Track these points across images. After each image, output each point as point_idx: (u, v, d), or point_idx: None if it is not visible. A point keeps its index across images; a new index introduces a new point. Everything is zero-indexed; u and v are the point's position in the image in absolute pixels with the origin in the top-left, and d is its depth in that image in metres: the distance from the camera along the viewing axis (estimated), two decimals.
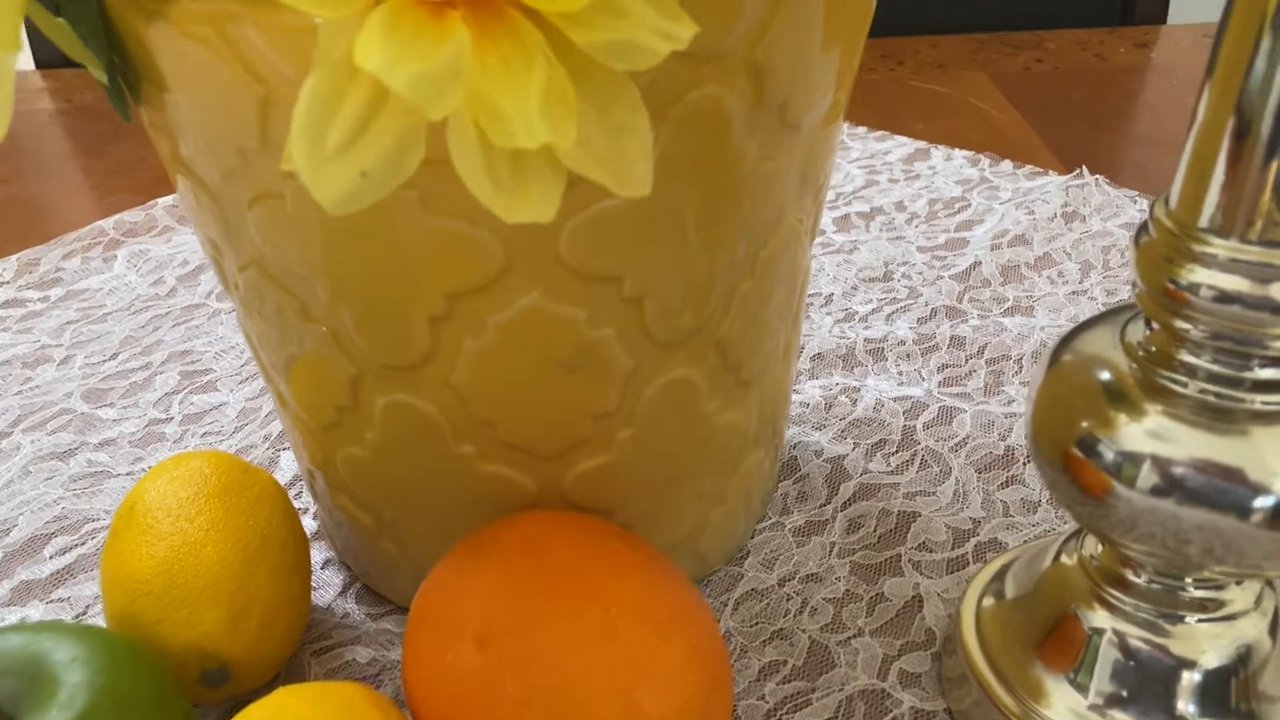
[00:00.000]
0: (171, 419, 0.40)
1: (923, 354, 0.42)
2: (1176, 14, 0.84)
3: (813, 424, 0.38)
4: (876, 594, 0.31)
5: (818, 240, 0.50)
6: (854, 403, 0.39)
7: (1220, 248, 0.21)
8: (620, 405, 0.27)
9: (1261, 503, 0.22)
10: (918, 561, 0.32)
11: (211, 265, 0.28)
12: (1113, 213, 0.51)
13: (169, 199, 0.54)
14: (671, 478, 0.29)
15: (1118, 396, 0.23)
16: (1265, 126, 0.20)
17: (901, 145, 0.59)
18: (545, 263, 0.23)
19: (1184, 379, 0.23)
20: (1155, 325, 0.23)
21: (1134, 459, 0.23)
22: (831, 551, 0.33)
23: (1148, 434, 0.23)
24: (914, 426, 0.38)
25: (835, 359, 0.42)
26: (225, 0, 0.20)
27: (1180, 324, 0.22)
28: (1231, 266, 0.21)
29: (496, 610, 0.23)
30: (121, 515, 0.28)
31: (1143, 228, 0.23)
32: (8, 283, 0.48)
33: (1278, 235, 0.21)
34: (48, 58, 0.85)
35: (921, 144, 0.59)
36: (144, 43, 0.22)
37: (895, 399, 0.39)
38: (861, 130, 0.61)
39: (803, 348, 0.42)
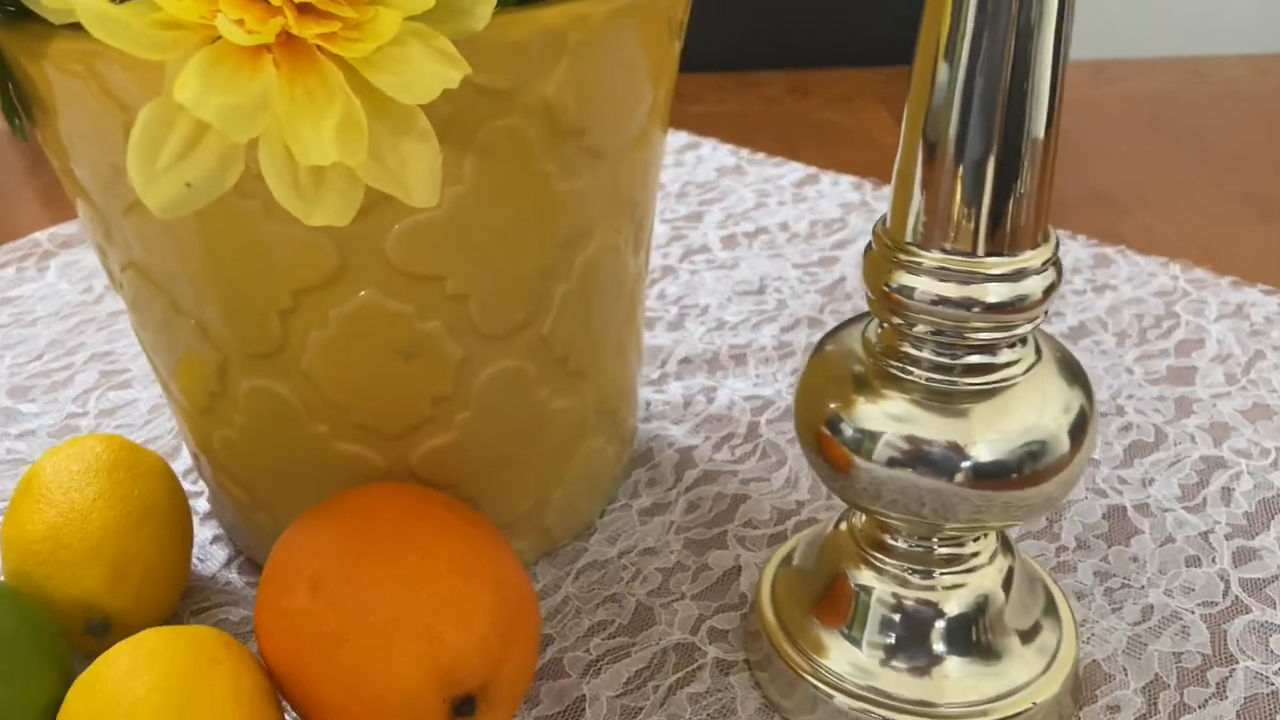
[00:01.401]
0: (88, 413, 0.43)
1: (780, 359, 0.46)
2: (1077, 50, 0.90)
3: (671, 420, 0.43)
4: (702, 564, 0.35)
5: (701, 256, 0.55)
6: (710, 401, 0.43)
7: (924, 257, 0.25)
8: (455, 390, 0.31)
9: (966, 465, 0.26)
10: (742, 537, 0.37)
11: (104, 271, 0.32)
12: None
13: None
14: (510, 457, 0.33)
15: (858, 384, 0.27)
16: (948, 152, 0.24)
17: (794, 170, 0.64)
18: (375, 263, 0.27)
19: (909, 367, 0.27)
20: (884, 325, 0.27)
21: (871, 435, 0.27)
22: (670, 529, 0.37)
23: (881, 414, 0.27)
24: (759, 422, 0.42)
25: (701, 363, 0.46)
26: (91, 41, 0.24)
27: (899, 322, 0.26)
28: (934, 272, 0.25)
29: (326, 561, 0.27)
30: (20, 487, 0.32)
31: (868, 244, 0.27)
32: None
33: (968, 245, 0.25)
34: None
35: (813, 170, 0.64)
36: (30, 76, 0.26)
37: (747, 398, 0.44)
38: (760, 156, 0.66)
39: (671, 352, 0.47)
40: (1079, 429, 0.27)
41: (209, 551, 0.36)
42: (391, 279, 0.28)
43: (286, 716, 0.29)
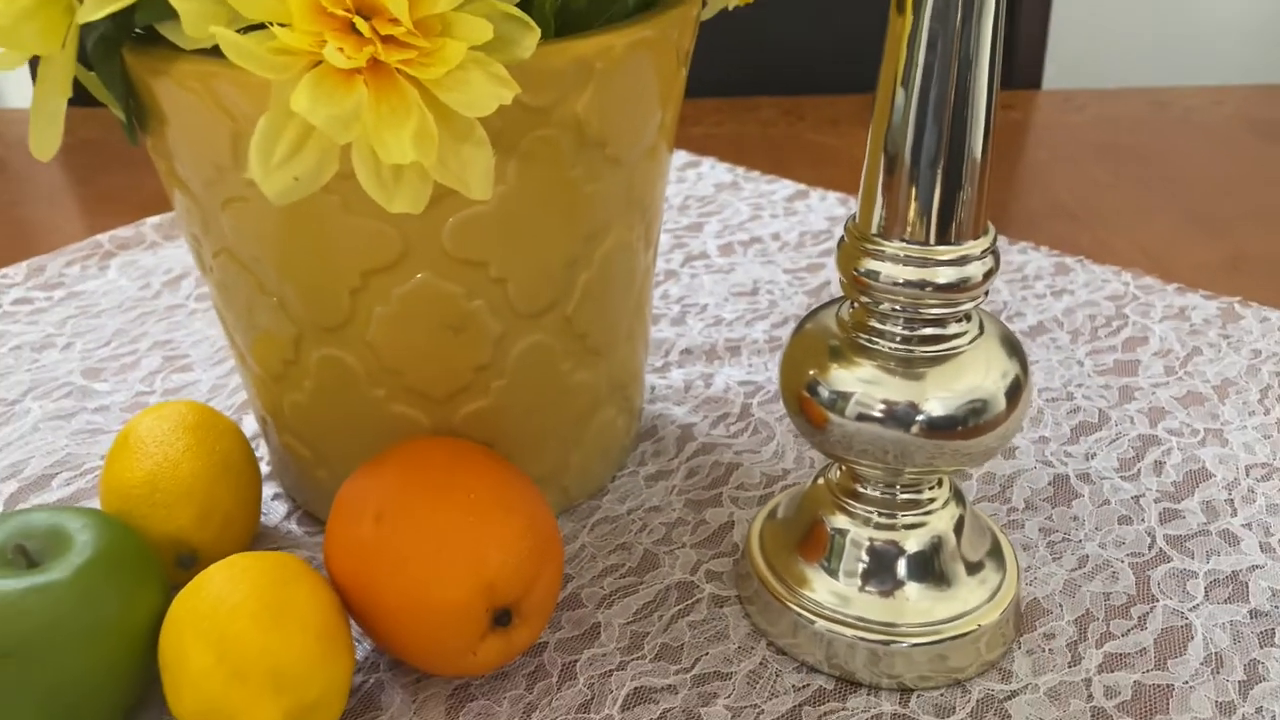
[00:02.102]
0: (154, 391, 0.49)
1: (770, 351, 0.52)
2: (1050, 81, 0.96)
3: (674, 401, 0.48)
4: (700, 520, 0.41)
5: (701, 261, 0.60)
6: (708, 385, 0.49)
7: (886, 246, 0.31)
8: (493, 360, 0.36)
9: (921, 419, 0.31)
10: (735, 497, 0.42)
11: (193, 257, 0.38)
12: None
13: (155, 219, 0.64)
14: (536, 422, 0.38)
15: (833, 354, 0.33)
16: (905, 161, 0.30)
17: (786, 187, 0.69)
18: (433, 250, 0.33)
19: (875, 339, 0.32)
20: (854, 305, 0.33)
21: (843, 396, 0.32)
22: (672, 491, 0.42)
23: (852, 378, 0.32)
24: (751, 403, 0.48)
25: (700, 353, 0.52)
26: (209, 63, 0.30)
27: (867, 301, 0.32)
28: (895, 259, 0.31)
29: (388, 498, 0.32)
30: (118, 442, 0.37)
31: (841, 237, 0.33)
32: (18, 284, 0.57)
33: (921, 236, 0.31)
34: None
35: (802, 186, 0.69)
36: (151, 91, 0.32)
37: (741, 383, 0.49)
38: (755, 173, 0.71)
39: (674, 344, 0.52)
40: (1015, 392, 0.32)
41: (271, 506, 0.42)
42: (445, 264, 0.33)
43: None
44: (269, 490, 0.42)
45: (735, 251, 0.62)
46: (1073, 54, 0.97)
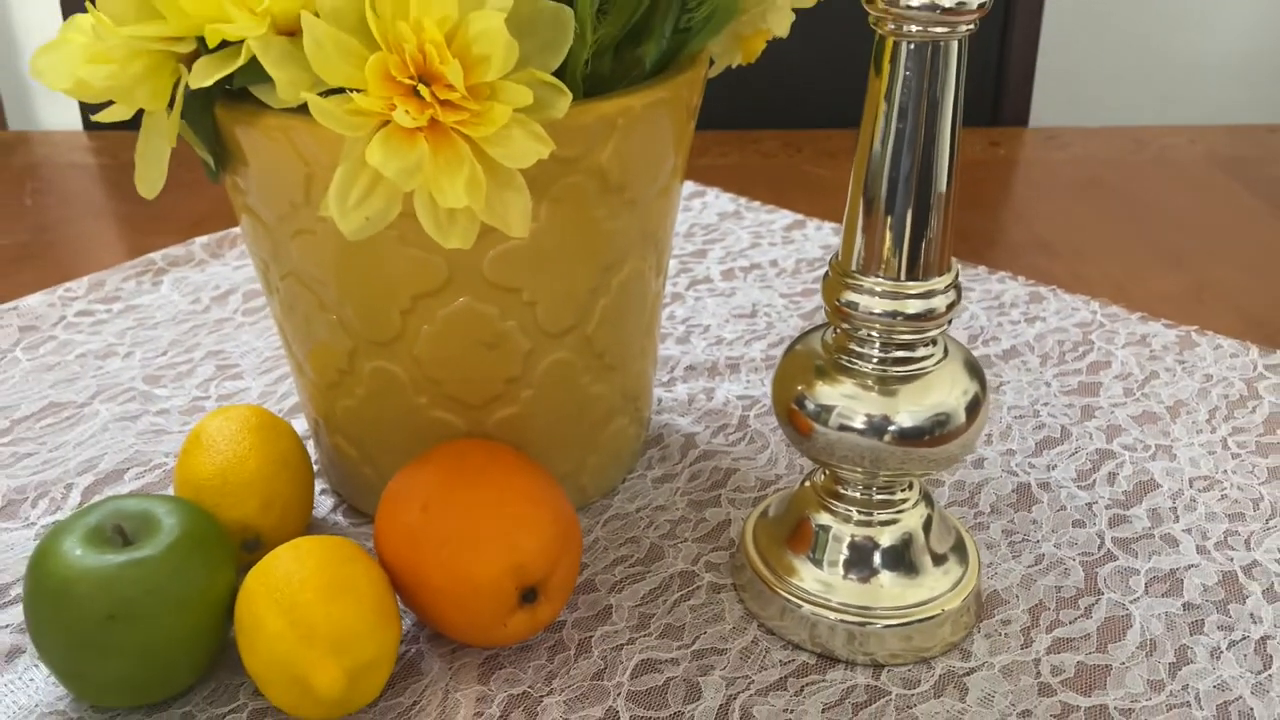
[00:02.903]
0: (209, 397, 0.54)
1: (767, 369, 0.57)
2: (1037, 119, 1.02)
3: (678, 413, 0.53)
4: (700, 518, 0.46)
5: (704, 285, 0.66)
6: (709, 399, 0.54)
7: (864, 281, 0.36)
8: (523, 373, 0.41)
9: (892, 429, 0.37)
10: (732, 498, 0.47)
11: (260, 278, 0.43)
12: None
13: (203, 239, 0.69)
14: (558, 428, 0.44)
15: (818, 372, 0.38)
16: (880, 207, 0.35)
17: (785, 217, 0.75)
18: (474, 278, 0.38)
19: (854, 360, 0.38)
20: (837, 330, 0.38)
21: (827, 409, 0.38)
22: (676, 493, 0.47)
23: (835, 394, 0.38)
24: (748, 415, 0.53)
25: (702, 370, 0.57)
26: (289, 117, 0.35)
27: (847, 327, 0.37)
28: (871, 292, 0.36)
29: (432, 490, 0.37)
30: (190, 440, 0.43)
31: (825, 272, 0.38)
32: (80, 297, 0.63)
33: (894, 273, 0.36)
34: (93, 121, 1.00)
35: (800, 216, 0.75)
36: (237, 139, 0.37)
37: (739, 397, 0.54)
38: (756, 203, 0.77)
39: (679, 361, 0.57)
40: (974, 407, 0.38)
41: (319, 501, 0.47)
42: (484, 289, 0.38)
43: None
44: (317, 486, 0.48)
45: (736, 277, 0.67)
46: (1056, 95, 1.02)
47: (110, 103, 0.36)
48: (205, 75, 0.33)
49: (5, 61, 1.40)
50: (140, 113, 0.36)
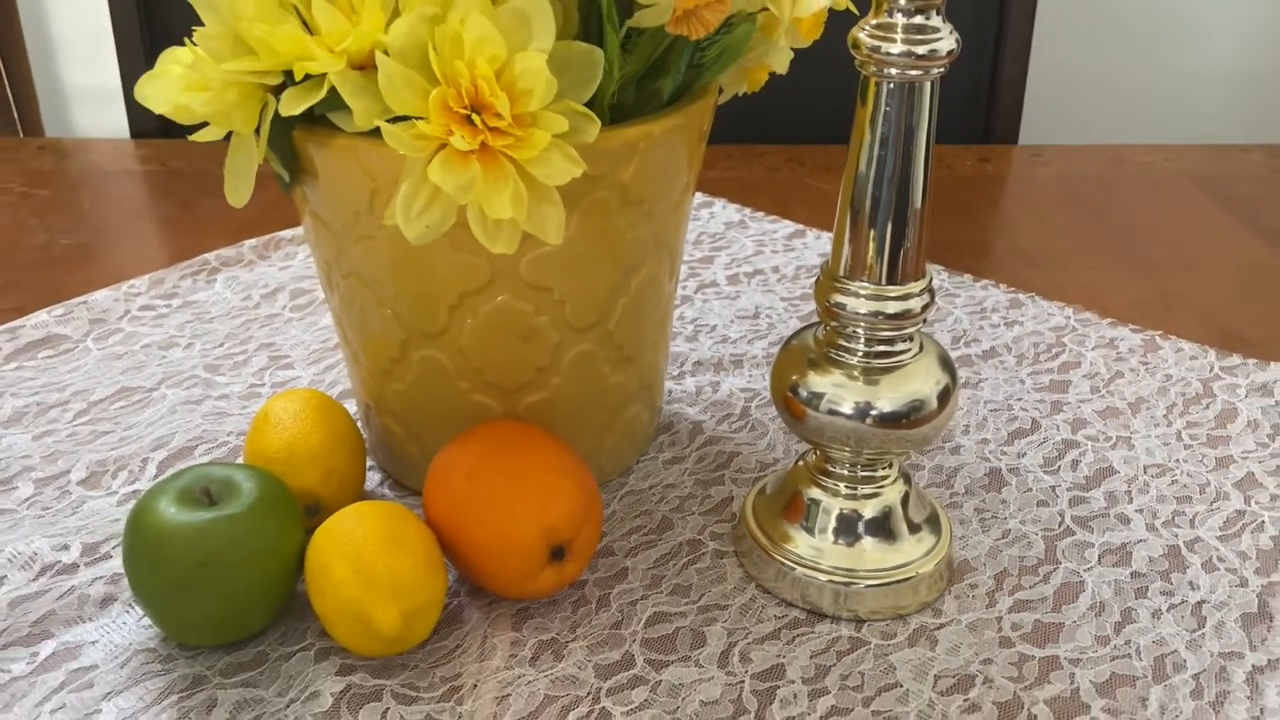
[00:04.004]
0: (265, 384, 0.60)
1: (767, 365, 0.63)
2: (1027, 136, 1.07)
3: (687, 403, 0.59)
4: (706, 494, 0.52)
5: (711, 289, 0.71)
6: (715, 391, 0.60)
7: (850, 285, 0.42)
8: (552, 363, 0.47)
9: (874, 414, 0.42)
10: (734, 478, 0.53)
11: (321, 276, 0.49)
12: None
13: (253, 241, 0.75)
14: (581, 412, 0.49)
15: (810, 364, 0.44)
16: (864, 219, 0.41)
17: (786, 227, 0.81)
18: (512, 278, 0.44)
19: (842, 354, 0.43)
20: (827, 327, 0.44)
21: (818, 396, 0.43)
22: (685, 473, 0.53)
23: (825, 383, 0.43)
24: (750, 406, 0.58)
25: (709, 365, 0.62)
26: (359, 139, 0.41)
27: (835, 325, 0.43)
28: (856, 295, 0.42)
29: (474, 461, 0.43)
30: (259, 418, 0.48)
31: (817, 277, 0.44)
32: (142, 293, 0.68)
33: (876, 278, 0.42)
34: (138, 128, 1.06)
35: (801, 226, 0.80)
36: (310, 155, 0.43)
37: (742, 390, 0.60)
38: (760, 214, 0.83)
39: (688, 357, 0.63)
40: (945, 396, 0.43)
41: (368, 476, 0.53)
42: (521, 288, 0.44)
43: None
44: (367, 462, 0.53)
45: (741, 281, 0.73)
46: (1041, 114, 1.08)
47: (205, 124, 0.42)
48: (294, 104, 0.39)
49: (44, 68, 1.47)
50: (229, 134, 0.42)
